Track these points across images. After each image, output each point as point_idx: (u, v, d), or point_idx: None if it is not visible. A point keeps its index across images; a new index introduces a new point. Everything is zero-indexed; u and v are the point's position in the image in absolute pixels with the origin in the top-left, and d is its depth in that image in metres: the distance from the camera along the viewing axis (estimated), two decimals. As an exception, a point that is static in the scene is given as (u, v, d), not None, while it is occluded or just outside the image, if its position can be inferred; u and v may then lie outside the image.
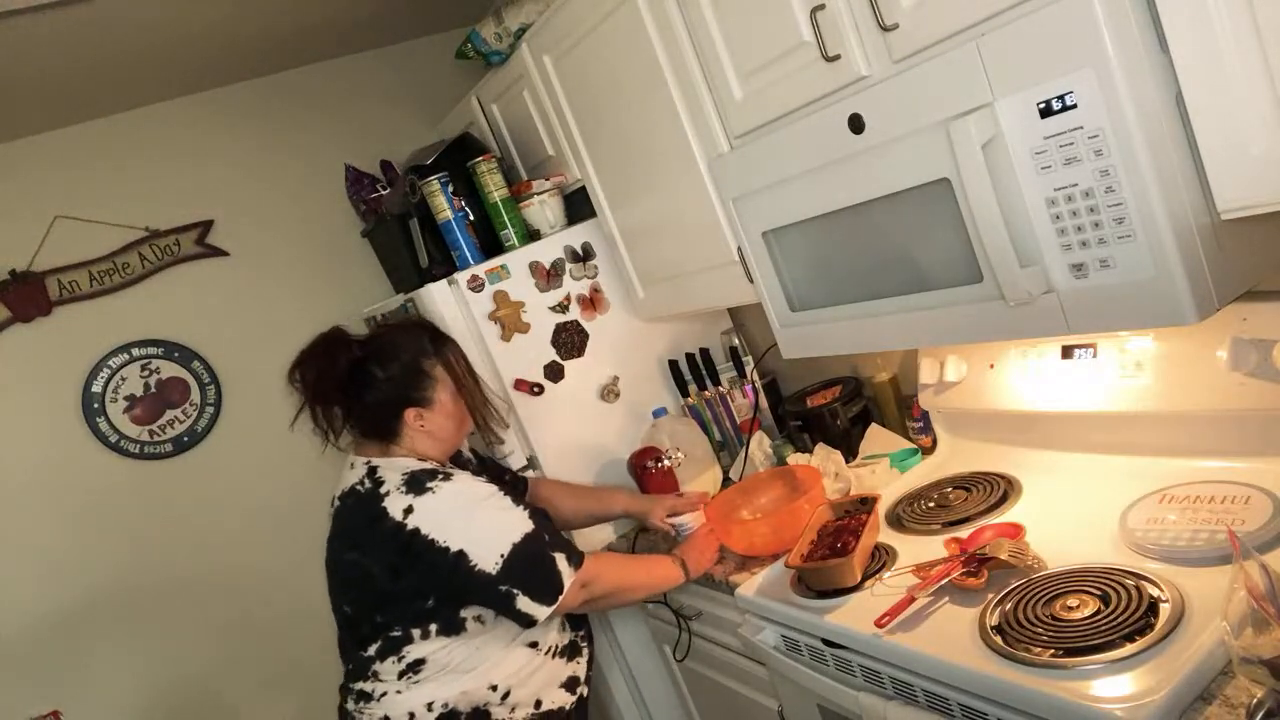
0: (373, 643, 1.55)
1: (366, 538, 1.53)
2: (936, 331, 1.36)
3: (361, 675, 1.58)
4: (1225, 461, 1.35)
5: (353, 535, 1.56)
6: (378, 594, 1.52)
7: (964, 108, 1.14)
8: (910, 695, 1.29)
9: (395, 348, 1.61)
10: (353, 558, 1.55)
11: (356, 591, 1.56)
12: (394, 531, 1.49)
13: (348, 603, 1.58)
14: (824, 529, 1.64)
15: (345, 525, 1.58)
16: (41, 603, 2.42)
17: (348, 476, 1.60)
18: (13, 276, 2.42)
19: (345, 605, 1.59)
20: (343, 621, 1.61)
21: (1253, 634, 0.95)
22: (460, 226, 2.23)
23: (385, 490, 1.53)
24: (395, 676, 1.55)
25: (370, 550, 1.52)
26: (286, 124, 2.79)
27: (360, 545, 1.54)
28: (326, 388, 1.58)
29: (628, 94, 1.89)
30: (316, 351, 1.60)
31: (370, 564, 1.52)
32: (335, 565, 1.60)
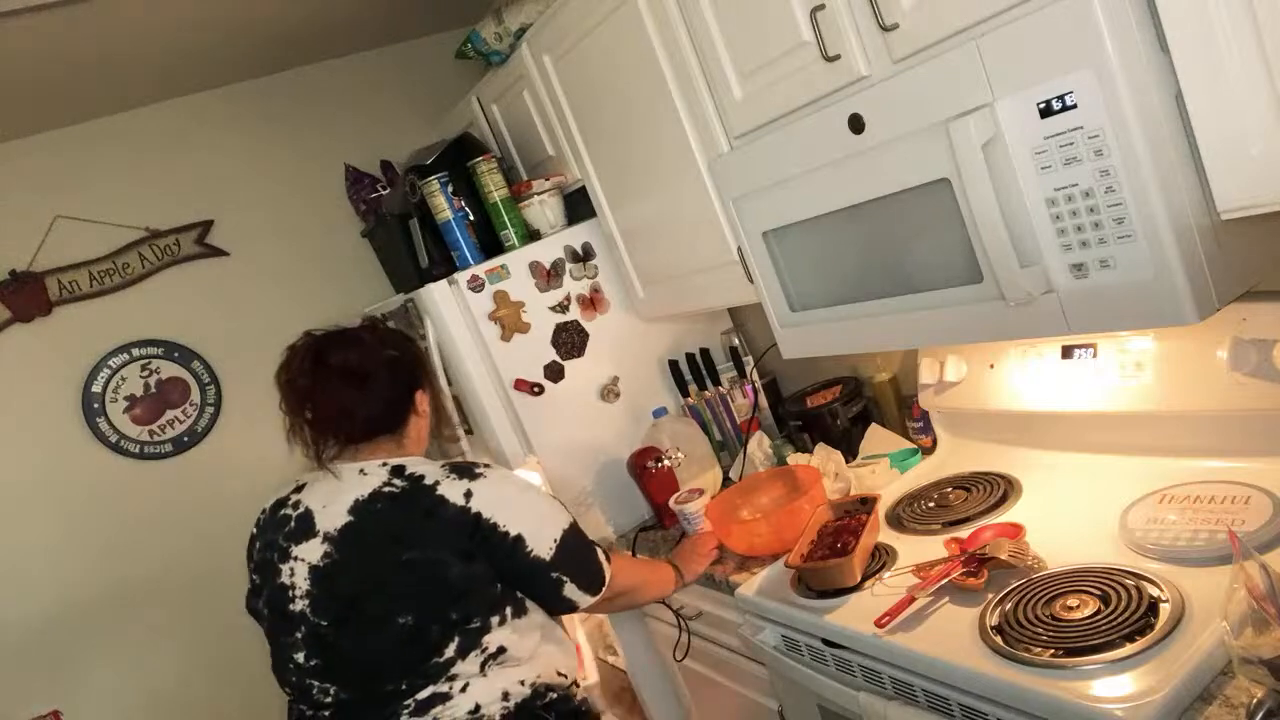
0: (449, 643, 1.42)
1: (427, 531, 1.42)
2: (936, 331, 1.36)
3: (434, 680, 1.41)
4: (1225, 461, 1.35)
5: (406, 535, 1.42)
6: (451, 587, 1.42)
7: (964, 108, 1.14)
8: (910, 695, 1.29)
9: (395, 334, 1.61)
10: (413, 556, 1.41)
11: (425, 593, 1.41)
12: (459, 516, 1.42)
13: (409, 612, 1.40)
14: (824, 529, 1.64)
15: (390, 528, 1.43)
16: (41, 603, 2.42)
17: (357, 484, 1.46)
18: (13, 276, 2.42)
19: (404, 616, 1.40)
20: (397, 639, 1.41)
21: (1253, 634, 0.95)
22: (460, 226, 2.23)
23: (432, 481, 1.46)
24: (478, 669, 1.44)
25: (435, 542, 1.42)
26: (286, 124, 2.79)
27: (421, 541, 1.42)
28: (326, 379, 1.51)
29: (628, 94, 1.89)
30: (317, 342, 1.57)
31: (439, 556, 1.41)
32: (379, 577, 1.42)
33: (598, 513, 2.26)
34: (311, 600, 1.44)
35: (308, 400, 1.53)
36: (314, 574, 1.44)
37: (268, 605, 1.50)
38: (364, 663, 1.43)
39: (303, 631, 1.45)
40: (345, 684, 1.44)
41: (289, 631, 1.46)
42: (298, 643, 1.45)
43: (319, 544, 1.45)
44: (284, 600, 1.46)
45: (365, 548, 1.43)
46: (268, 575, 1.50)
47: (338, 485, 1.48)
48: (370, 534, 1.43)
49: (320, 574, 1.44)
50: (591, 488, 2.25)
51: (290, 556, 1.47)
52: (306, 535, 1.47)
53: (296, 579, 1.45)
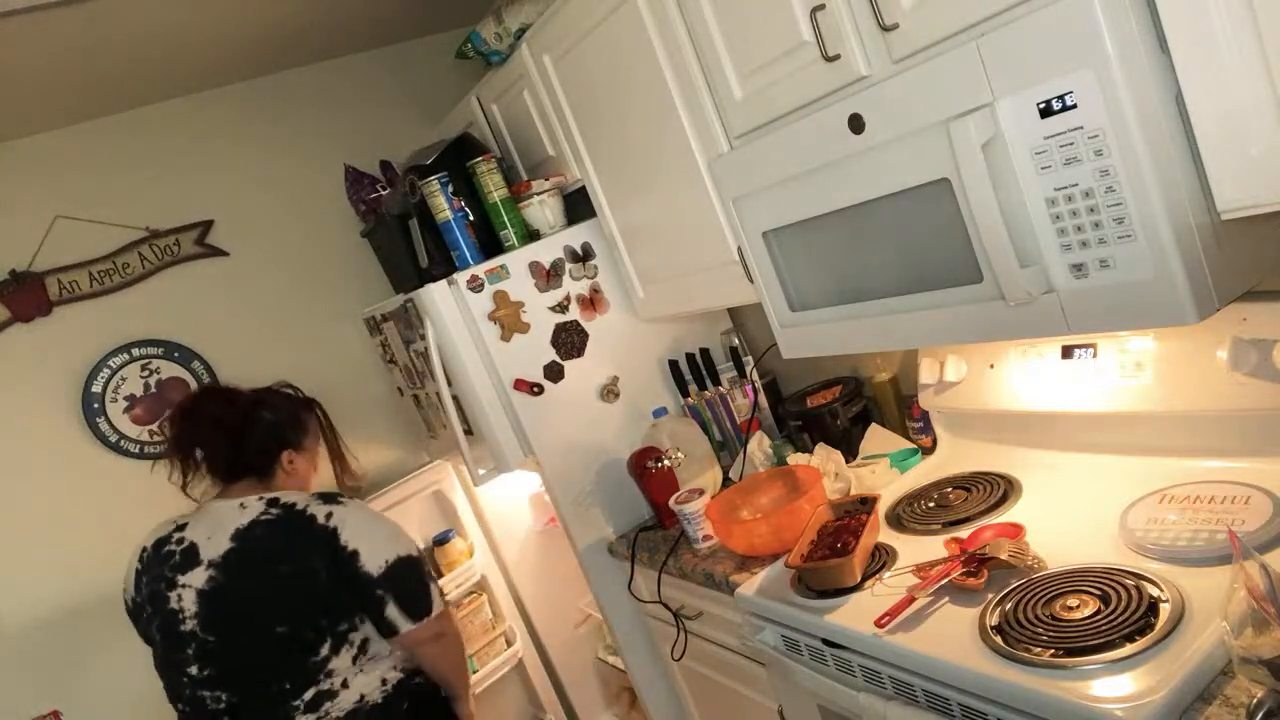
0: (322, 644, 1.67)
1: (300, 545, 1.69)
2: (936, 331, 1.36)
3: (314, 680, 1.66)
4: (1225, 461, 1.35)
5: (283, 552, 1.68)
6: (321, 595, 1.67)
7: (964, 108, 1.14)
8: (910, 695, 1.29)
9: (280, 398, 1.90)
10: (289, 569, 1.67)
11: (298, 601, 1.66)
12: (321, 530, 1.69)
13: (285, 621, 1.65)
14: (824, 529, 1.64)
15: (268, 548, 1.68)
16: (41, 603, 2.42)
17: (237, 515, 1.71)
18: (13, 276, 2.42)
19: (281, 625, 1.65)
20: (277, 645, 1.65)
21: (1253, 634, 0.95)
22: (460, 226, 2.22)
23: (302, 506, 1.73)
24: (351, 663, 1.69)
25: (306, 553, 1.68)
26: (286, 124, 2.79)
27: (295, 555, 1.68)
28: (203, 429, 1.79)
29: (628, 94, 1.89)
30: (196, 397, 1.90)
31: (310, 565, 1.67)
32: (258, 592, 1.66)
33: (598, 513, 2.26)
34: (199, 620, 1.65)
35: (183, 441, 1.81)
36: (201, 597, 1.66)
37: (160, 630, 1.69)
38: (251, 667, 1.65)
39: (193, 648, 1.66)
40: (234, 689, 1.65)
41: (181, 649, 1.67)
42: (189, 658, 1.66)
43: (204, 571, 1.68)
44: (175, 623, 1.67)
45: (247, 568, 1.67)
46: (158, 604, 1.70)
47: (219, 519, 1.72)
48: (252, 555, 1.68)
49: (206, 596, 1.66)
50: (591, 488, 2.25)
51: (177, 585, 1.68)
52: (191, 565, 1.69)
53: (185, 604, 1.67)
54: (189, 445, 1.80)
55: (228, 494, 1.78)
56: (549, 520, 2.72)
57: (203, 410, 1.83)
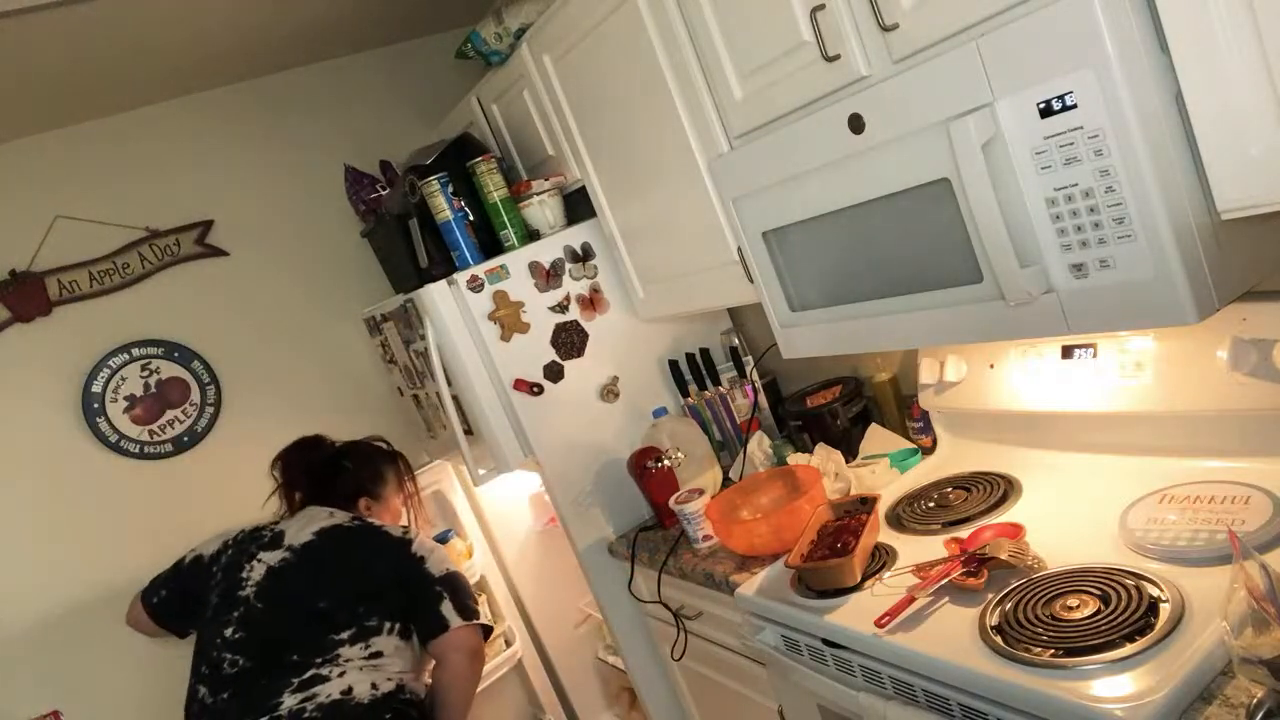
0: (346, 630, 1.81)
1: (375, 545, 1.94)
2: (936, 331, 1.36)
3: (320, 655, 1.78)
4: (1225, 461, 1.35)
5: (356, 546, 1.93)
6: (373, 586, 1.86)
7: (964, 108, 1.14)
8: (910, 695, 1.29)
9: (363, 451, 2.21)
10: (355, 559, 1.91)
11: (348, 584, 1.86)
12: (399, 541, 1.96)
13: (327, 598, 1.84)
14: (824, 529, 1.64)
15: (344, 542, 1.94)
16: (41, 603, 2.42)
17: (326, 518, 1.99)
18: (13, 276, 2.42)
19: (323, 601, 1.83)
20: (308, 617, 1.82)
21: (1253, 634, 0.95)
22: (460, 227, 2.22)
23: (379, 525, 2.02)
24: (358, 657, 1.80)
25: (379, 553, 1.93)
26: (286, 124, 2.79)
27: (367, 551, 1.93)
28: (301, 474, 2.12)
29: (628, 94, 1.89)
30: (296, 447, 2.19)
31: (376, 563, 1.91)
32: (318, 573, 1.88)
33: (598, 513, 2.26)
34: (257, 589, 1.87)
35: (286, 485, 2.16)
36: (269, 572, 1.90)
37: (219, 593, 1.90)
38: (274, 639, 1.80)
39: (240, 611, 1.85)
40: (253, 656, 1.79)
41: (230, 610, 1.86)
42: (231, 620, 1.84)
43: (282, 552, 1.93)
44: (236, 587, 1.89)
45: (319, 554, 1.92)
46: (230, 572, 1.93)
47: (311, 517, 2.00)
48: (327, 545, 1.93)
49: (273, 571, 1.89)
50: (591, 488, 2.25)
51: (254, 558, 1.93)
52: (274, 546, 1.94)
53: (253, 574, 1.90)
54: (290, 489, 2.13)
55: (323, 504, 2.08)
56: (549, 520, 2.72)
57: (294, 460, 2.16)
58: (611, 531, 2.28)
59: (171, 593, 2.05)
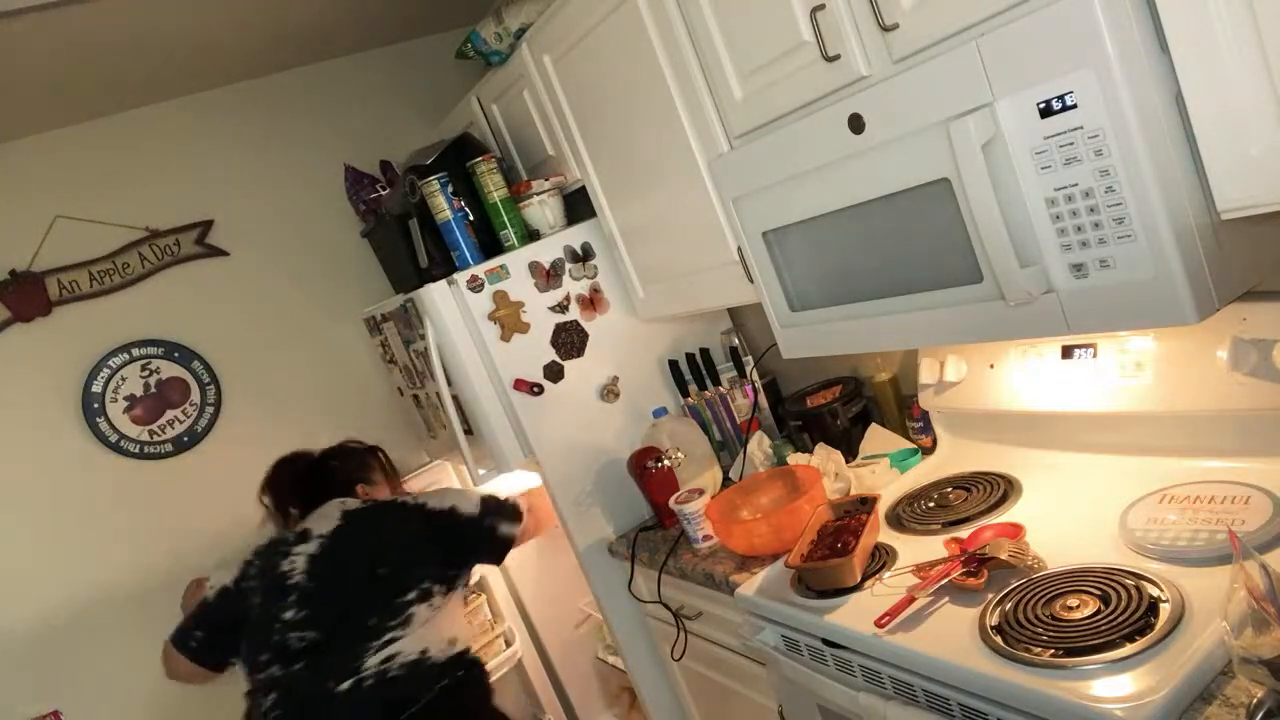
0: (411, 591, 1.94)
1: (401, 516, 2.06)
2: (936, 331, 1.36)
3: (396, 618, 1.90)
4: (1225, 461, 1.35)
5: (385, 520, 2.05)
6: (418, 550, 2.00)
7: (964, 108, 1.14)
8: (910, 695, 1.29)
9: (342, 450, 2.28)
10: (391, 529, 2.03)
11: (398, 551, 1.99)
12: (414, 508, 2.08)
13: (386, 564, 1.96)
14: (824, 529, 1.64)
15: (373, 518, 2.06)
16: (41, 603, 2.42)
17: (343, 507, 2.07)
18: (13, 276, 2.42)
19: (382, 568, 1.95)
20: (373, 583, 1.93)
21: (1253, 634, 0.95)
22: (460, 226, 2.22)
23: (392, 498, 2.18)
24: (426, 611, 1.94)
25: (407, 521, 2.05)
26: (286, 124, 2.79)
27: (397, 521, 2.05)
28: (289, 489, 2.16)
29: (628, 94, 1.89)
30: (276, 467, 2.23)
31: (410, 528, 2.03)
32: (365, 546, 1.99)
33: (598, 513, 2.26)
34: (305, 573, 1.93)
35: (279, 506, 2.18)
36: (310, 559, 1.96)
37: (262, 593, 1.95)
38: (344, 608, 1.89)
39: (294, 596, 1.91)
40: (323, 626, 1.88)
41: (281, 600, 1.91)
42: (286, 605, 1.90)
43: (315, 542, 1.99)
44: (280, 580, 1.94)
45: (356, 531, 2.02)
46: (267, 573, 1.97)
47: (327, 512, 2.06)
48: (359, 524, 2.04)
49: (316, 557, 1.96)
50: (591, 488, 2.25)
51: (290, 554, 1.97)
52: (304, 541, 2.00)
53: (295, 565, 1.95)
54: (284, 508, 2.15)
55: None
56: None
57: (281, 479, 2.20)
58: (611, 531, 2.28)
59: (208, 631, 2.01)
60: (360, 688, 1.82)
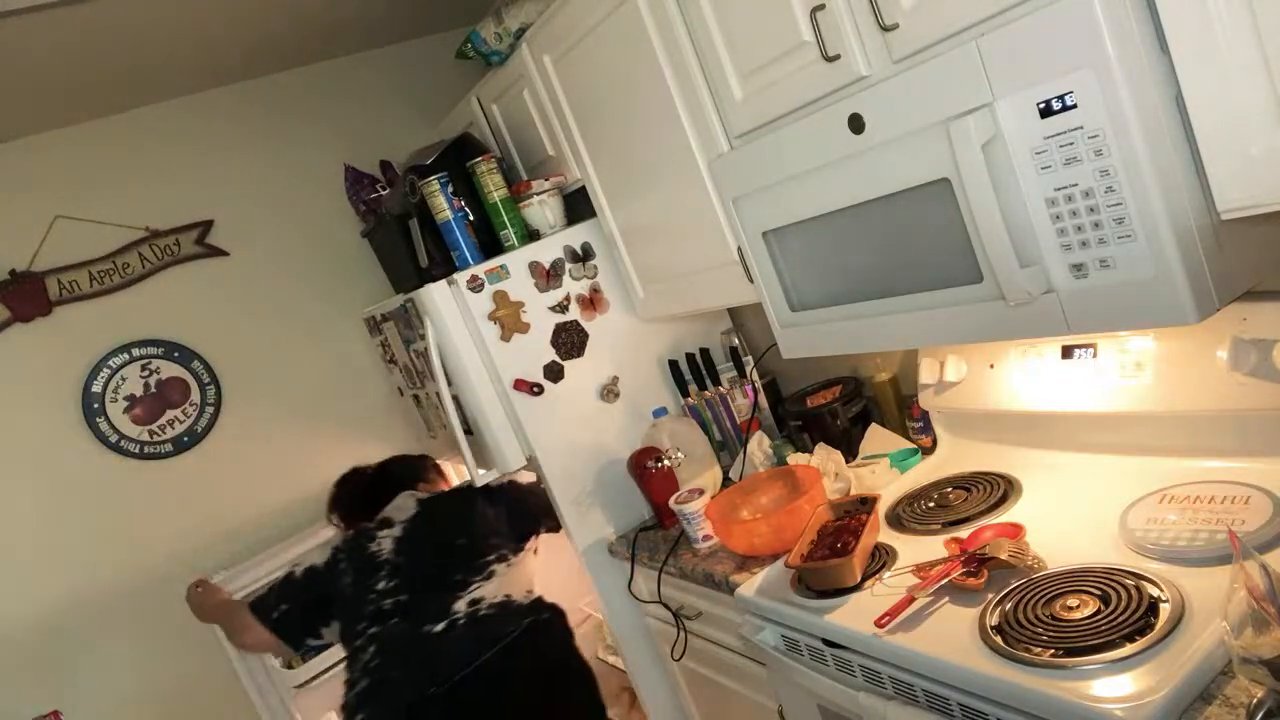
0: (490, 553, 2.13)
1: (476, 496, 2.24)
2: (936, 331, 1.36)
3: (480, 572, 2.09)
4: (1225, 461, 1.35)
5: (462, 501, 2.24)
6: (492, 522, 2.18)
7: (964, 108, 1.14)
8: (910, 695, 1.29)
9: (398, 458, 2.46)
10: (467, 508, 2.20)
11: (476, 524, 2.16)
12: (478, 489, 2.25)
13: (465, 535, 2.14)
14: (824, 529, 1.64)
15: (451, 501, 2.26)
16: (41, 603, 2.42)
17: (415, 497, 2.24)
18: (13, 276, 2.42)
19: (461, 539, 2.13)
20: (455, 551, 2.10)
21: (1253, 634, 0.95)
22: (460, 226, 2.22)
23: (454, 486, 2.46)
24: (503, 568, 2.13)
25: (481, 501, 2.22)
26: (286, 124, 2.79)
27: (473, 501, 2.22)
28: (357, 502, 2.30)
29: (628, 94, 1.89)
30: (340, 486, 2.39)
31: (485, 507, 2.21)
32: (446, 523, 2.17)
33: (598, 513, 2.26)
34: (394, 550, 2.10)
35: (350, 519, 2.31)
36: (396, 541, 2.11)
37: (353, 574, 2.08)
38: (429, 573, 2.07)
39: (386, 570, 2.07)
40: (413, 589, 2.05)
41: (373, 575, 2.06)
42: (380, 578, 2.06)
43: (398, 526, 2.14)
44: (371, 559, 2.09)
45: (436, 512, 2.19)
46: (356, 555, 2.10)
47: (403, 503, 2.21)
48: (438, 506, 2.22)
49: (400, 539, 2.11)
50: (591, 488, 2.25)
51: (377, 538, 2.12)
52: (387, 526, 2.15)
53: (383, 545, 2.11)
54: (355, 522, 2.24)
55: None
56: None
57: (345, 497, 2.34)
58: (611, 531, 2.28)
59: (293, 605, 2.08)
60: (455, 626, 2.00)
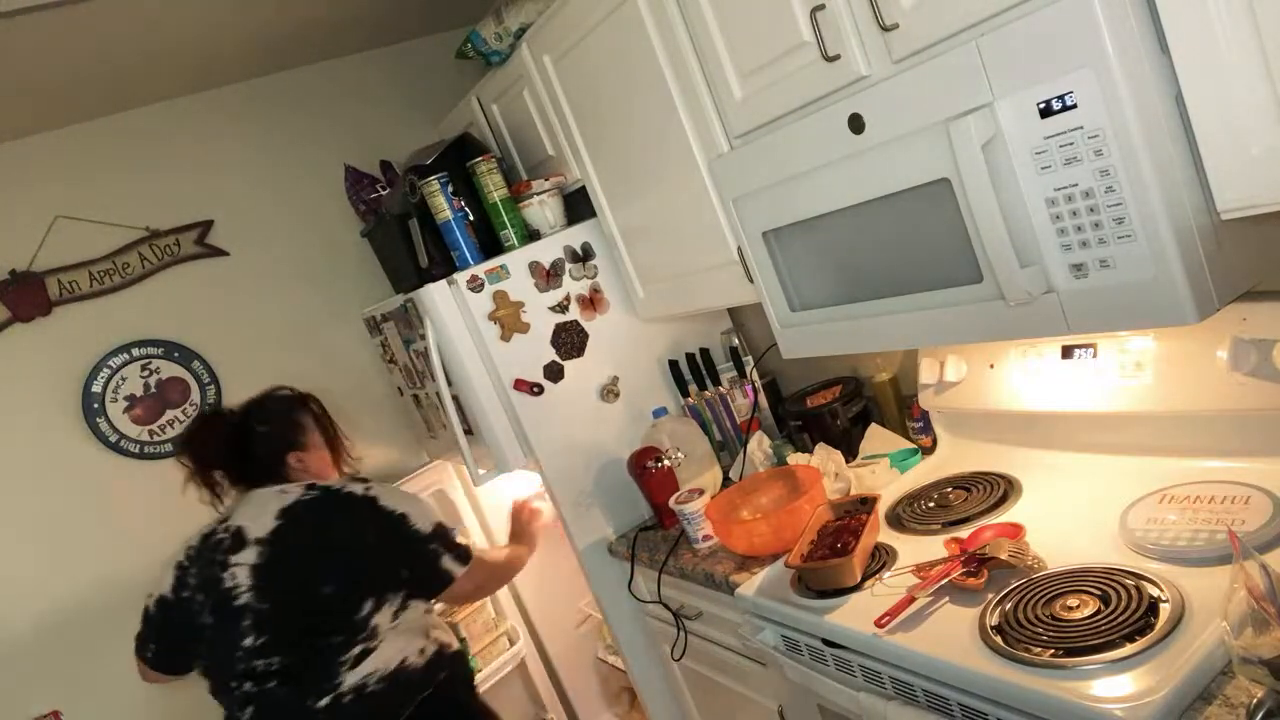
0: (366, 601, 1.78)
1: (347, 514, 1.83)
2: (936, 331, 1.36)
3: (359, 635, 1.76)
4: (1225, 461, 1.35)
5: (329, 520, 1.82)
6: (368, 555, 1.80)
7: (964, 108, 1.14)
8: (910, 695, 1.29)
9: (267, 406, 1.98)
10: (337, 533, 1.80)
11: (344, 561, 1.79)
12: (361, 501, 1.84)
13: (331, 581, 1.77)
14: (824, 529, 1.64)
15: (315, 518, 1.82)
16: (41, 603, 2.42)
17: (280, 498, 1.84)
18: (13, 276, 2.42)
19: (328, 586, 1.76)
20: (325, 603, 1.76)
21: (1253, 634, 0.95)
22: (460, 226, 2.22)
23: (338, 487, 1.87)
24: (391, 619, 1.80)
25: (354, 520, 1.82)
26: (286, 124, 2.79)
27: (342, 521, 1.82)
28: (211, 454, 1.91)
29: (628, 94, 1.89)
30: (197, 427, 1.99)
31: (358, 530, 1.81)
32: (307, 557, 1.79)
33: (598, 513, 2.26)
34: (253, 591, 1.76)
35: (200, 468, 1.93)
36: (254, 571, 1.77)
37: (212, 613, 1.79)
38: (302, 629, 1.75)
39: (249, 619, 1.75)
40: (287, 651, 1.75)
41: (236, 623, 1.75)
42: (245, 630, 1.75)
43: (253, 548, 1.78)
44: (229, 600, 1.76)
45: (297, 537, 1.80)
46: (211, 588, 1.79)
47: (263, 503, 1.84)
48: (300, 526, 1.80)
49: (259, 569, 1.77)
50: (591, 488, 2.25)
51: (229, 565, 1.78)
52: (241, 546, 1.79)
53: (239, 580, 1.77)
54: (206, 471, 1.92)
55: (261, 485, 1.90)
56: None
57: (203, 438, 1.94)
58: (611, 531, 2.28)
59: (160, 644, 1.91)
60: (340, 703, 1.74)
